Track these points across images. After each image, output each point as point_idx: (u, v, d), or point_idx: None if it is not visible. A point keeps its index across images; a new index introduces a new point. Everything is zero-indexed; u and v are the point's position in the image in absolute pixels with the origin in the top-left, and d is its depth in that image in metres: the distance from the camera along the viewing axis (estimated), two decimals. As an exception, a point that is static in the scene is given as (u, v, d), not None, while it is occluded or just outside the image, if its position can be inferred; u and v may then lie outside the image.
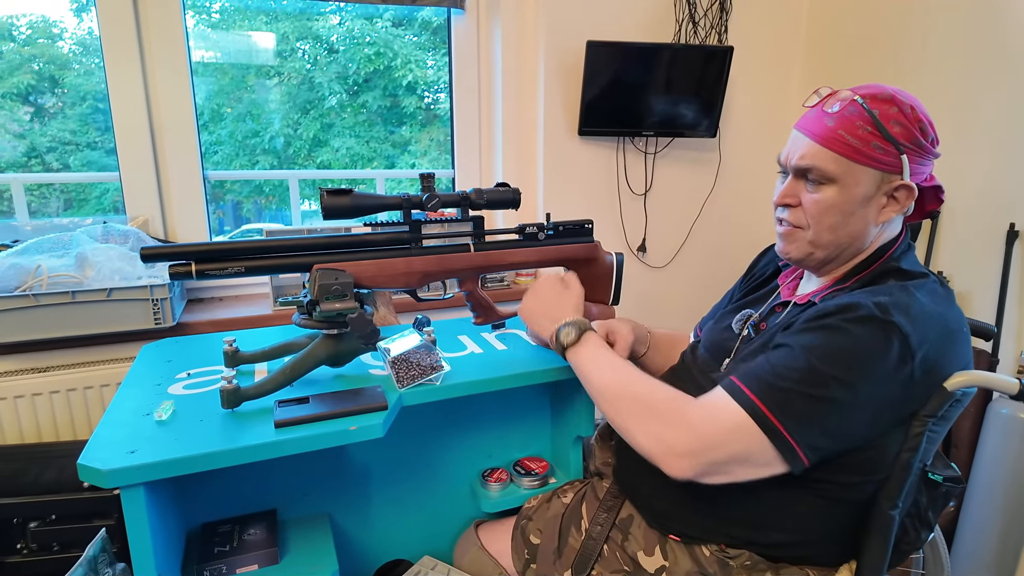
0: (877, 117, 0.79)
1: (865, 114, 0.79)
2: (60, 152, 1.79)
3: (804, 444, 0.74)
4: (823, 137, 0.81)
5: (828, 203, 0.82)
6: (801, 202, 0.85)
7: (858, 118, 0.79)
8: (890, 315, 0.73)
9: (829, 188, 0.82)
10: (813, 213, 0.84)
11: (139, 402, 0.88)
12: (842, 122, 0.80)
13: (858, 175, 0.80)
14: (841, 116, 0.80)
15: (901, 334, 0.72)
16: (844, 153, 0.80)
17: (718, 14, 1.96)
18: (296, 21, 1.94)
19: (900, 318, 0.73)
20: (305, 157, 2.06)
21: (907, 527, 0.88)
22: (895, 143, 0.79)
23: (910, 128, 0.79)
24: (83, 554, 1.03)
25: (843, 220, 0.83)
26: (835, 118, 0.80)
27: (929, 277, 0.84)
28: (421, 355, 0.93)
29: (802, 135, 0.84)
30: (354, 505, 1.10)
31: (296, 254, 0.91)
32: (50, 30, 1.70)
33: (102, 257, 1.42)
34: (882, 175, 0.81)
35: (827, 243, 0.85)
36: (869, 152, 0.79)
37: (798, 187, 0.86)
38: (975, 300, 1.67)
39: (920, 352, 0.73)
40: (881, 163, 0.80)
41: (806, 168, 0.83)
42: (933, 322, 0.75)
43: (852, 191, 0.81)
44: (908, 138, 0.79)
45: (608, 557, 0.94)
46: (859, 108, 0.80)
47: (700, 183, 2.12)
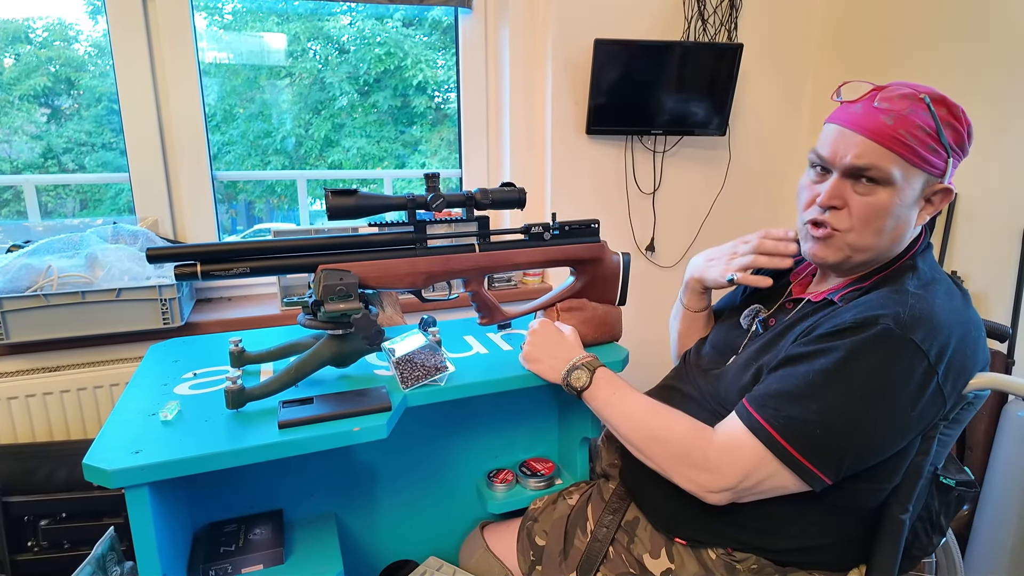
0: (939, 120, 0.75)
1: (927, 116, 0.75)
2: (76, 153, 1.81)
3: (827, 470, 0.74)
4: (883, 136, 0.75)
5: (881, 206, 0.78)
6: (847, 204, 0.80)
7: (918, 119, 0.75)
8: (908, 332, 0.71)
9: (884, 191, 0.77)
10: (863, 216, 0.79)
11: (145, 402, 0.88)
12: (903, 122, 0.75)
13: (911, 178, 0.77)
14: (899, 115, 0.75)
15: (920, 352, 0.71)
16: (905, 155, 0.75)
17: (728, 11, 1.94)
18: (307, 22, 1.94)
19: (919, 335, 0.71)
20: (316, 157, 2.07)
21: (918, 531, 0.87)
22: (947, 147, 0.76)
23: (960, 132, 0.78)
24: (91, 552, 1.04)
25: (890, 223, 0.79)
26: (892, 116, 0.75)
27: (945, 278, 0.82)
28: (426, 356, 0.93)
29: (852, 132, 0.78)
30: (360, 506, 1.10)
31: (301, 255, 0.91)
32: (66, 32, 1.72)
33: (112, 257, 1.43)
34: (928, 178, 0.78)
35: (868, 247, 0.81)
36: (925, 155, 0.76)
37: (844, 188, 0.79)
38: (990, 301, 1.64)
39: (941, 366, 0.72)
40: (933, 167, 0.77)
41: (863, 168, 0.77)
42: (952, 329, 0.74)
43: (904, 194, 0.77)
44: (957, 142, 0.78)
45: (614, 559, 0.93)
46: (922, 108, 0.75)
47: (710, 182, 2.10)
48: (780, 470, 0.75)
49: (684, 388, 0.97)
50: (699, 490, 0.80)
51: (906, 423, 0.73)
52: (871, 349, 0.72)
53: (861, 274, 0.86)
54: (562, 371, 0.95)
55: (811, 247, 0.85)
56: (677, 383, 1.00)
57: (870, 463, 0.76)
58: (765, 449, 0.75)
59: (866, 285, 0.83)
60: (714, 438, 0.80)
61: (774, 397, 0.77)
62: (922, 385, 0.72)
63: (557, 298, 1.11)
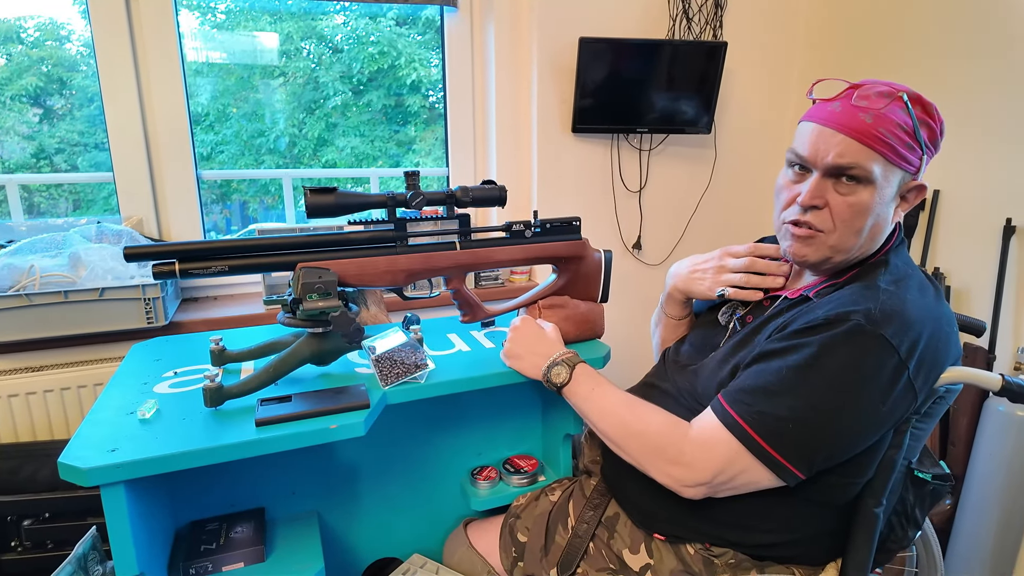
0: (916, 118, 0.76)
1: (906, 114, 0.76)
2: (68, 153, 1.80)
3: (799, 465, 0.75)
4: (864, 134, 0.75)
5: (863, 205, 0.78)
6: (828, 204, 0.79)
7: (897, 117, 0.76)
8: (879, 328, 0.72)
9: (865, 190, 0.77)
10: (845, 216, 0.78)
11: (124, 401, 0.88)
12: (882, 120, 0.75)
13: (889, 176, 0.78)
14: (879, 113, 0.75)
15: (891, 347, 0.72)
16: (886, 153, 0.76)
17: (712, 9, 1.95)
18: (300, 21, 1.94)
19: (889, 330, 0.72)
20: (310, 156, 2.07)
21: (894, 525, 0.88)
22: (923, 144, 0.77)
23: (934, 129, 0.78)
24: (72, 551, 1.03)
25: (870, 222, 0.79)
26: (873, 114, 0.75)
27: (917, 273, 0.83)
28: (406, 353, 0.93)
29: (832, 130, 0.77)
30: (343, 503, 1.10)
31: (281, 253, 0.91)
32: (58, 32, 1.71)
33: (95, 257, 1.42)
34: (904, 176, 0.79)
35: (850, 247, 0.81)
36: (903, 153, 0.76)
37: (825, 187, 0.79)
38: (972, 296, 1.66)
39: (912, 361, 0.73)
40: (910, 164, 0.78)
41: (846, 167, 0.76)
42: (924, 325, 0.75)
43: (884, 192, 0.78)
44: (931, 139, 0.78)
45: (594, 555, 0.94)
46: (900, 106, 0.76)
47: (696, 180, 2.11)
48: (754, 465, 0.76)
49: (662, 385, 0.98)
50: (674, 484, 0.81)
51: (877, 418, 0.74)
52: (842, 345, 0.73)
53: (836, 270, 0.87)
54: (542, 367, 0.96)
55: (792, 246, 0.85)
56: (656, 380, 1.01)
57: (843, 458, 0.77)
58: (739, 444, 0.76)
59: (840, 281, 0.84)
60: (689, 433, 0.81)
61: (748, 392, 0.78)
62: (893, 380, 0.73)
63: (539, 295, 1.12)
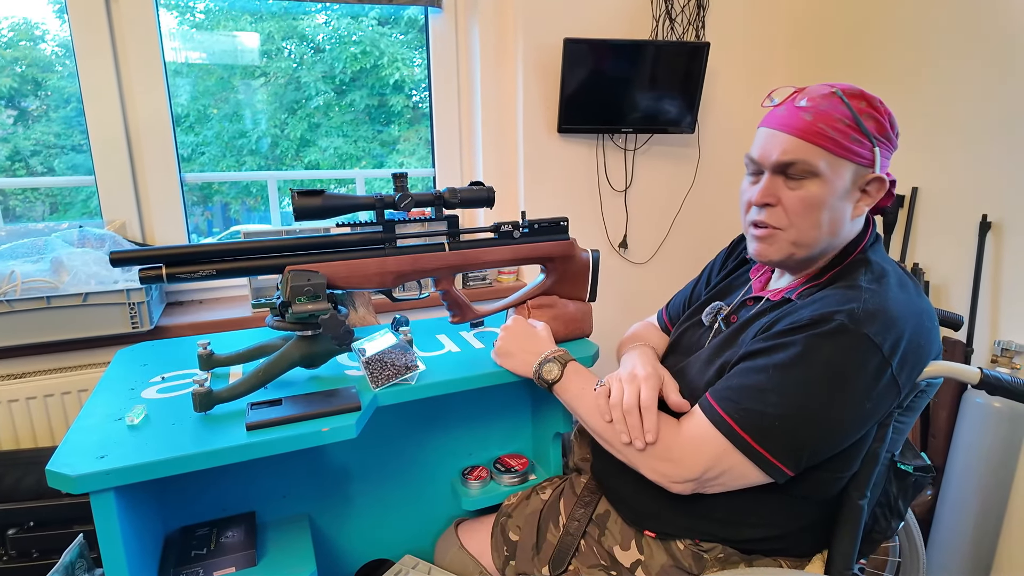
0: (855, 111, 0.79)
1: (843, 108, 0.79)
2: (44, 156, 1.77)
3: (787, 461, 0.77)
4: (804, 131, 0.79)
5: (812, 199, 0.80)
6: (780, 201, 0.83)
7: (836, 112, 0.79)
8: (862, 327, 0.74)
9: (812, 183, 0.80)
10: (797, 211, 0.81)
11: (111, 407, 0.87)
12: (820, 116, 0.79)
13: (839, 169, 0.80)
14: (818, 110, 0.79)
15: (874, 346, 0.73)
16: (826, 147, 0.79)
17: (695, 10, 1.97)
18: (281, 21, 1.93)
19: (872, 329, 0.74)
20: (293, 157, 2.06)
21: (878, 516, 0.90)
22: (870, 136, 0.79)
23: (881, 121, 0.80)
24: (60, 560, 1.02)
25: (824, 216, 0.81)
26: (811, 112, 0.79)
27: (896, 269, 0.85)
28: (396, 355, 0.93)
29: (778, 132, 0.82)
30: (334, 506, 1.10)
31: (269, 256, 0.91)
32: (32, 32, 1.69)
33: (77, 261, 1.41)
34: (857, 168, 0.81)
35: (810, 242, 0.83)
36: (848, 145, 0.79)
37: (776, 185, 0.83)
38: (950, 291, 1.69)
39: (895, 358, 0.74)
40: (859, 156, 0.80)
41: (788, 163, 0.80)
42: (906, 321, 0.76)
43: (834, 185, 0.80)
44: (880, 131, 0.80)
45: (585, 552, 0.95)
46: (837, 102, 0.79)
47: (680, 179, 2.14)
48: (742, 462, 0.77)
49: None
50: (663, 480, 0.82)
51: (862, 414, 0.76)
52: (827, 344, 0.75)
53: (815, 270, 0.88)
54: (534, 364, 0.96)
55: (755, 247, 0.88)
56: None
57: (829, 454, 0.78)
58: (727, 441, 0.77)
59: (821, 282, 0.85)
60: (678, 430, 0.82)
61: (735, 391, 0.79)
62: (876, 377, 0.74)
63: (528, 295, 1.12)
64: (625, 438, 0.83)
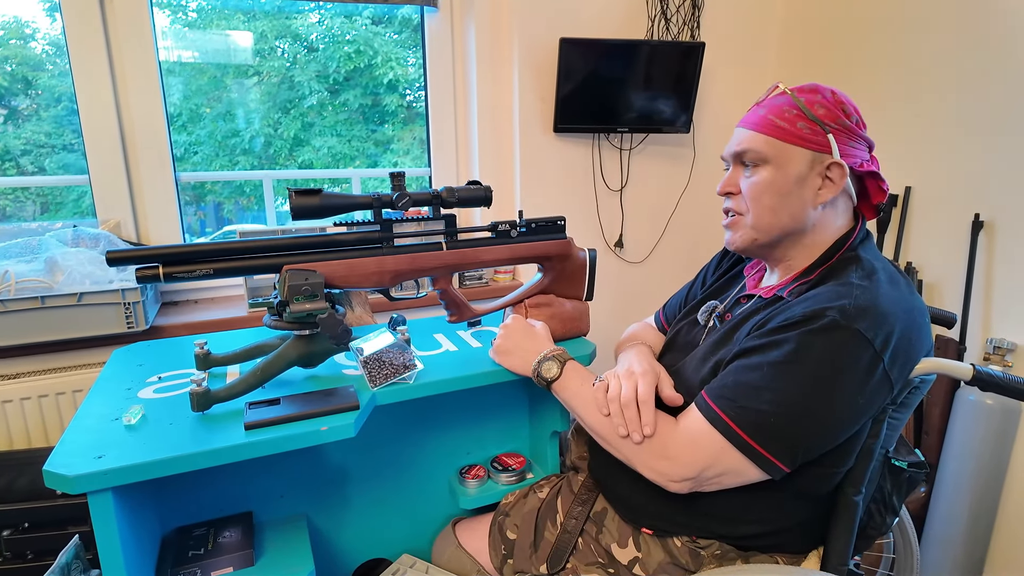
0: (802, 102, 0.84)
1: (791, 100, 0.85)
2: (35, 155, 1.76)
3: (783, 458, 0.77)
4: (755, 123, 0.87)
5: (764, 184, 0.86)
6: (741, 189, 0.90)
7: (785, 104, 0.85)
8: (853, 322, 0.75)
9: (764, 169, 0.86)
10: (751, 195, 0.88)
11: (108, 407, 0.87)
12: (771, 109, 0.86)
13: (790, 154, 0.84)
14: (770, 104, 0.86)
15: (865, 341, 0.74)
16: (774, 134, 0.85)
17: (690, 10, 1.98)
18: (275, 19, 1.92)
19: (864, 324, 0.74)
20: (286, 157, 2.05)
21: (872, 512, 0.91)
22: (820, 123, 0.83)
23: (832, 109, 0.84)
24: (55, 561, 1.02)
25: (780, 201, 0.86)
26: (765, 107, 0.87)
27: (888, 266, 0.86)
28: (394, 354, 0.93)
29: (739, 129, 0.90)
30: (332, 505, 1.10)
31: (266, 255, 0.91)
32: (22, 31, 1.67)
33: (72, 261, 1.40)
34: (813, 155, 0.84)
35: (767, 226, 0.87)
36: (797, 132, 0.84)
37: (737, 175, 0.90)
38: (943, 289, 1.71)
39: (887, 353, 0.75)
40: (809, 142, 0.83)
41: (741, 152, 0.88)
42: (897, 317, 0.77)
43: (786, 170, 0.85)
44: (832, 118, 0.84)
45: (583, 550, 0.95)
46: (787, 97, 0.86)
47: (675, 178, 2.14)
48: (738, 459, 0.78)
49: None
50: (661, 479, 0.82)
51: (856, 409, 0.77)
52: (820, 340, 0.75)
53: (804, 267, 0.89)
54: (532, 363, 0.97)
55: (726, 237, 0.94)
56: None
57: (824, 449, 0.79)
58: (723, 439, 0.78)
59: (812, 278, 0.86)
60: (675, 428, 0.83)
61: (731, 388, 0.80)
62: (869, 372, 0.75)
63: (525, 295, 1.13)
64: (623, 431, 0.84)
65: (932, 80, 1.67)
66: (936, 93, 1.67)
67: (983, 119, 1.56)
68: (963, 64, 1.60)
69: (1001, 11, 1.51)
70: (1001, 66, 1.52)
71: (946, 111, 1.65)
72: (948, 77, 1.64)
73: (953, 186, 1.65)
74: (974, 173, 1.60)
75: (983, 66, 1.56)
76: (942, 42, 1.65)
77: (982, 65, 1.56)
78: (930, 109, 1.68)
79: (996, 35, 1.52)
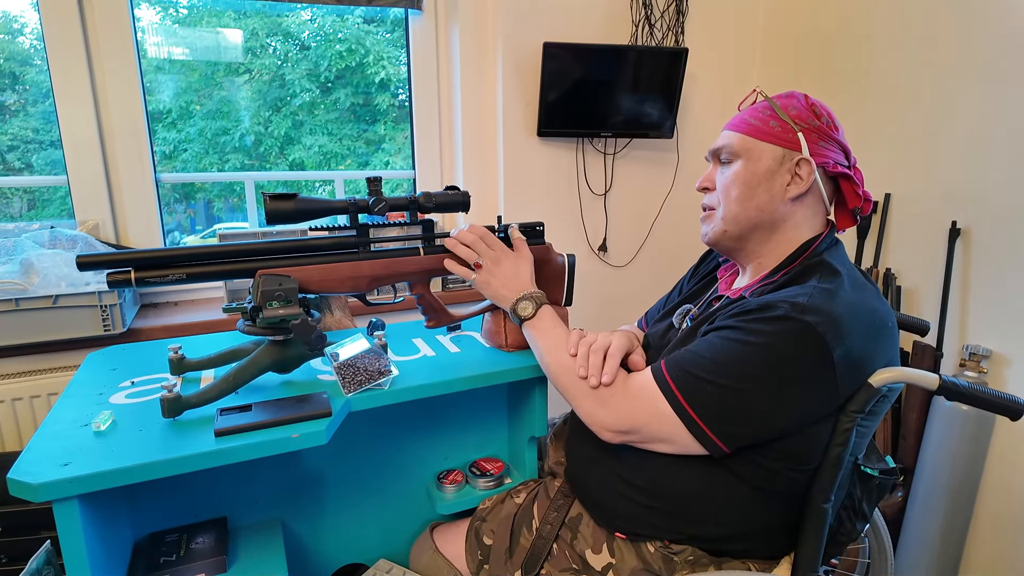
0: (776, 104, 0.90)
1: (766, 103, 0.91)
2: (22, 151, 1.74)
3: (717, 431, 0.80)
4: (735, 124, 0.93)
5: (734, 176, 0.91)
6: (715, 184, 0.95)
7: (761, 106, 0.92)
8: (804, 315, 0.76)
9: (736, 164, 0.91)
10: (722, 188, 0.93)
11: (78, 412, 0.86)
12: (749, 112, 0.93)
13: (761, 150, 0.89)
14: (750, 108, 0.93)
15: (815, 334, 0.75)
16: (746, 132, 0.91)
17: (674, 16, 1.99)
18: (266, 17, 1.91)
19: (814, 318, 0.76)
20: (276, 155, 2.04)
21: (843, 519, 0.92)
22: (790, 122, 0.88)
23: (802, 111, 0.89)
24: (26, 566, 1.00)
25: (748, 192, 0.90)
26: (747, 111, 0.93)
27: (854, 272, 0.87)
28: (369, 360, 0.93)
29: (723, 130, 0.96)
30: (308, 510, 1.10)
31: (240, 260, 0.90)
32: (11, 25, 1.66)
33: (48, 263, 1.38)
34: (783, 152, 0.88)
35: (734, 217, 0.91)
36: (767, 129, 0.89)
37: (714, 172, 0.96)
38: (921, 296, 1.73)
39: (838, 350, 0.76)
40: (779, 139, 0.88)
41: (718, 149, 0.94)
42: (856, 319, 0.78)
43: (755, 164, 0.89)
44: (802, 118, 0.88)
45: (558, 556, 0.95)
46: (764, 101, 0.92)
47: (659, 183, 2.15)
48: (674, 422, 0.81)
49: None
50: (595, 425, 0.88)
51: (794, 398, 0.78)
52: (768, 327, 0.78)
53: (769, 269, 0.92)
54: (512, 299, 1.00)
55: (701, 231, 0.99)
56: None
57: (765, 435, 0.80)
58: (662, 397, 0.82)
59: (776, 279, 0.88)
60: (624, 383, 0.87)
61: (680, 355, 0.85)
62: (814, 367, 0.76)
63: (503, 300, 1.12)
64: (583, 372, 0.88)
65: (913, 87, 1.69)
66: (915, 101, 1.69)
67: (962, 128, 1.58)
68: (944, 72, 1.62)
69: (981, 20, 1.53)
70: (981, 74, 1.54)
71: (925, 119, 1.67)
72: (929, 85, 1.66)
73: (931, 194, 1.67)
74: (952, 181, 1.62)
75: (964, 74, 1.58)
76: (923, 50, 1.67)
77: (963, 73, 1.58)
78: (909, 117, 1.70)
79: (977, 44, 1.54)
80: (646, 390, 0.84)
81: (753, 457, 0.82)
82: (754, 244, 0.93)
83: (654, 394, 0.83)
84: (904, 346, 1.71)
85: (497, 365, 1.05)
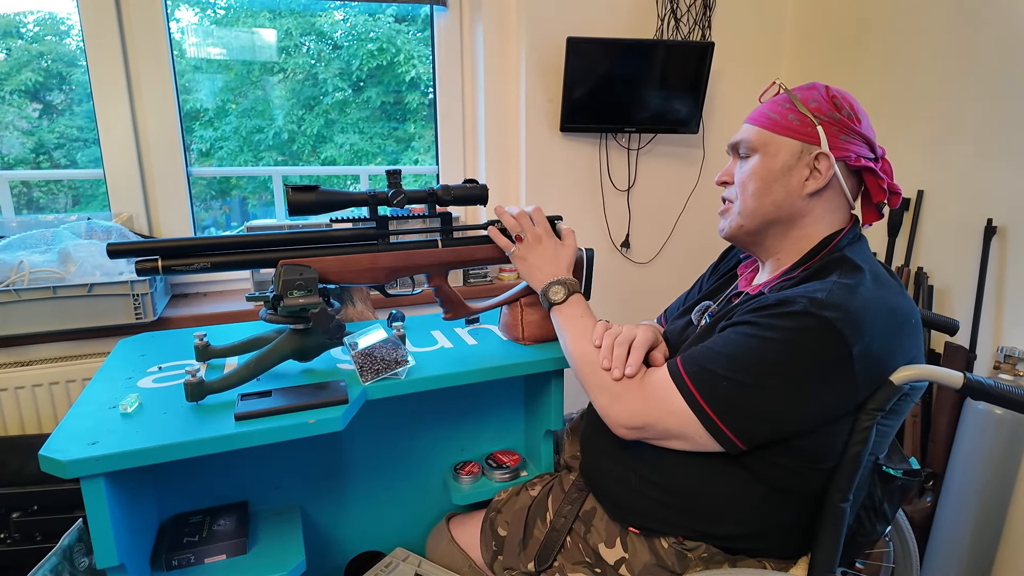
0: (796, 97, 0.88)
1: (786, 96, 0.90)
2: (68, 148, 1.81)
3: (733, 427, 0.78)
4: (755, 118, 0.91)
5: (752, 170, 0.89)
6: (734, 178, 0.94)
7: (781, 99, 0.90)
8: (823, 311, 0.74)
9: (755, 158, 0.90)
10: (740, 183, 0.91)
11: (107, 395, 0.89)
12: (769, 105, 0.91)
13: (779, 144, 0.87)
14: (770, 101, 0.91)
15: (833, 330, 0.74)
16: (765, 126, 0.89)
17: (701, 10, 1.96)
18: (300, 17, 1.95)
19: (833, 313, 0.74)
20: (309, 153, 2.09)
21: (862, 519, 0.90)
22: (810, 115, 0.86)
23: (823, 103, 0.86)
24: (58, 543, 1.05)
25: (765, 187, 0.88)
26: (767, 104, 0.91)
27: (877, 267, 0.85)
28: (387, 350, 0.95)
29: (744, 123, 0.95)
30: (327, 498, 1.12)
31: (262, 250, 0.93)
32: (58, 27, 1.72)
33: (84, 253, 1.44)
34: (802, 146, 0.86)
35: (751, 211, 0.90)
36: (786, 123, 0.87)
37: (733, 166, 0.95)
38: (954, 295, 1.68)
39: (857, 347, 0.74)
40: (797, 132, 0.86)
41: (736, 143, 0.93)
42: (876, 315, 0.76)
43: (773, 159, 0.88)
44: (822, 111, 0.86)
45: (571, 549, 0.95)
46: (784, 94, 0.90)
47: (684, 179, 2.13)
48: (687, 416, 0.80)
49: None
50: (609, 420, 0.87)
51: (809, 395, 0.76)
52: (785, 323, 0.76)
53: (789, 264, 0.90)
54: (544, 282, 1.01)
55: (719, 225, 0.98)
56: None
57: (781, 433, 0.78)
58: (681, 399, 0.81)
59: (796, 275, 0.87)
60: (645, 379, 0.86)
61: (696, 350, 0.84)
62: (831, 363, 0.75)
63: (521, 293, 1.13)
64: (606, 363, 0.87)
65: (946, 83, 1.64)
66: (950, 96, 1.64)
67: (997, 123, 1.53)
68: (977, 67, 1.57)
69: (1016, 12, 1.48)
70: (1016, 69, 1.49)
71: (960, 114, 1.62)
72: (962, 80, 1.61)
73: (966, 191, 1.62)
74: (987, 178, 1.57)
75: (998, 69, 1.52)
76: (956, 45, 1.62)
77: (997, 68, 1.53)
78: (943, 112, 1.65)
79: (1011, 38, 1.49)
80: (661, 386, 0.83)
81: (770, 455, 0.81)
82: (772, 239, 0.92)
83: (669, 390, 0.82)
84: (935, 347, 1.66)
85: (514, 358, 1.05)
